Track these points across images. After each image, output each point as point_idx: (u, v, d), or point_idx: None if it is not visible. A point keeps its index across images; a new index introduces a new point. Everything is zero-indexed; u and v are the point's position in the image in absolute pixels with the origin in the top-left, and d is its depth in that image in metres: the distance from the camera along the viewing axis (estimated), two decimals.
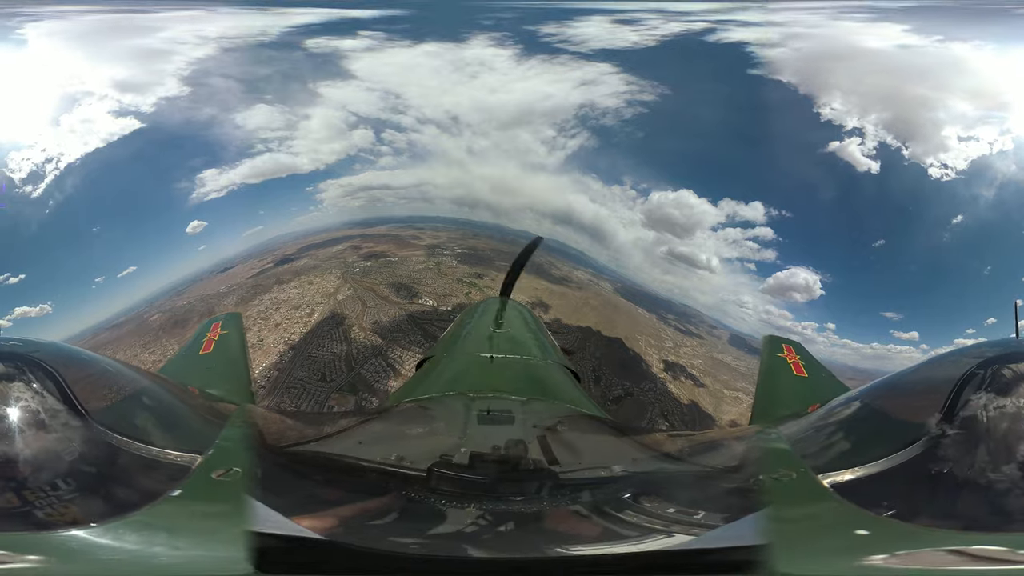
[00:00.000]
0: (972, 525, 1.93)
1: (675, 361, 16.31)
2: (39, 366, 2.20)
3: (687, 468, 2.78)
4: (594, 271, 19.44)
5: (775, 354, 5.55)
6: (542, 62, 19.81)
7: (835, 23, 19.37)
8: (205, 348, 5.33)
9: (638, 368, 15.90)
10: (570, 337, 16.32)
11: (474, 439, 2.79)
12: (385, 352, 15.61)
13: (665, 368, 16.01)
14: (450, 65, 19.82)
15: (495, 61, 19.85)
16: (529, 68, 19.81)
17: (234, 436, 2.53)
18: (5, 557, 1.78)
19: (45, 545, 1.84)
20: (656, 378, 15.64)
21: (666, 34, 20.37)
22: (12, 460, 1.98)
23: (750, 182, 16.89)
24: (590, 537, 2.09)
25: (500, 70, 19.76)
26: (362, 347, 15.79)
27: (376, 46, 20.25)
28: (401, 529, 2.09)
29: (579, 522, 2.16)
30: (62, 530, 1.87)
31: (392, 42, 20.39)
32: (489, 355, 4.24)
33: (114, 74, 16.93)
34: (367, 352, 15.66)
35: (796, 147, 16.51)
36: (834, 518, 2.06)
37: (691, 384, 15.64)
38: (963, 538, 1.89)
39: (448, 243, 19.64)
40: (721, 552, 1.95)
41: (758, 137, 16.82)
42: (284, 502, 2.05)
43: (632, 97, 18.80)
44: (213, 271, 17.73)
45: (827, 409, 2.89)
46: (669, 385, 15.47)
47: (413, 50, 20.27)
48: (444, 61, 19.88)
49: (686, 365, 16.21)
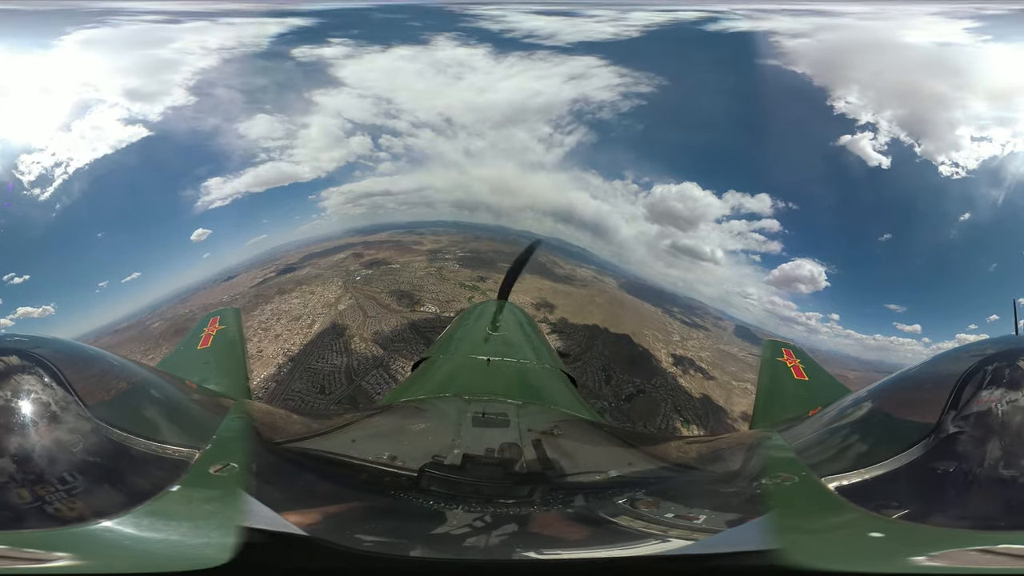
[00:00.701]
0: (976, 526, 1.92)
1: (683, 355, 16.20)
2: (39, 361, 2.19)
3: (685, 472, 2.77)
4: (597, 268, 19.36)
5: (775, 358, 5.59)
6: (521, 59, 19.83)
7: (885, 17, 19.27)
8: (203, 343, 5.35)
9: (648, 364, 15.78)
10: (577, 336, 16.26)
11: (468, 441, 2.79)
12: (386, 363, 15.36)
13: (674, 362, 15.90)
14: (431, 68, 19.96)
15: (472, 61, 19.91)
16: (510, 66, 19.84)
17: (231, 431, 2.54)
18: (4, 552, 1.78)
19: (44, 540, 1.84)
20: (666, 373, 15.52)
21: (649, 24, 20.39)
22: (10, 454, 1.97)
23: (757, 174, 16.87)
24: (582, 541, 2.09)
25: (481, 69, 19.81)
26: (363, 358, 15.59)
27: (354, 52, 20.37)
28: (391, 529, 2.09)
29: (571, 526, 2.17)
30: (61, 525, 1.88)
31: (365, 47, 20.52)
32: (485, 358, 4.24)
33: (126, 83, 17.27)
34: (368, 364, 15.43)
35: (806, 140, 16.55)
36: (837, 522, 2.05)
37: (701, 377, 15.52)
38: (966, 538, 1.89)
39: (450, 247, 19.57)
40: (722, 557, 1.94)
41: (767, 129, 16.79)
42: (278, 498, 2.07)
43: (628, 89, 18.76)
44: (216, 280, 17.79)
45: (828, 412, 2.87)
46: (679, 379, 15.34)
47: (388, 54, 20.42)
48: (423, 64, 20.03)
49: (694, 358, 16.11)
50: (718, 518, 2.16)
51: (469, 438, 2.85)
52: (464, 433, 2.92)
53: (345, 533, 2.01)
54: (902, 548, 1.90)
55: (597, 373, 15.31)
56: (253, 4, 23.10)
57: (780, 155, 16.66)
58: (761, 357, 5.80)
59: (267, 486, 2.13)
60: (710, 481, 2.61)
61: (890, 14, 19.19)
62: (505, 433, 2.92)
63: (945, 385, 2.18)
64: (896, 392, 2.70)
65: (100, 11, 20.54)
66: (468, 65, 19.86)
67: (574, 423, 3.51)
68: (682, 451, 3.25)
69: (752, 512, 2.08)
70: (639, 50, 19.43)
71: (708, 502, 2.33)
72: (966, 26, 17.58)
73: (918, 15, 19.06)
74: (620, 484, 2.46)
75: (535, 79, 19.53)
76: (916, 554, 1.87)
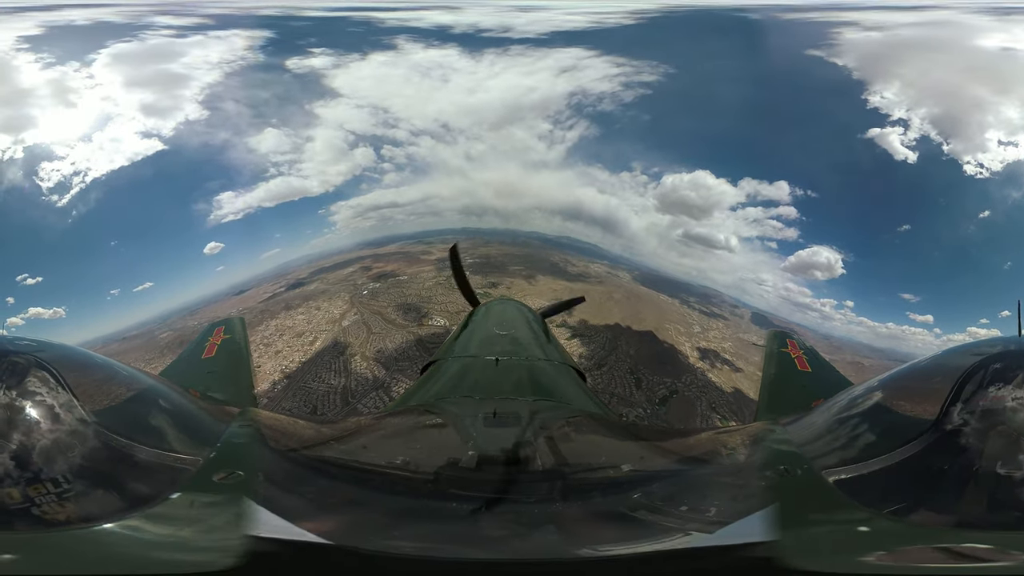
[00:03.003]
0: (973, 521, 1.94)
1: (708, 347, 15.86)
2: (43, 366, 2.18)
3: (694, 466, 2.79)
4: (610, 262, 19.20)
5: (779, 349, 5.63)
6: (498, 55, 19.63)
7: (969, 16, 19.19)
8: (208, 352, 5.36)
9: (675, 360, 15.38)
10: (599, 339, 15.84)
11: (481, 442, 2.77)
12: (387, 385, 14.72)
13: (701, 356, 15.55)
14: (415, 72, 19.86)
15: (450, 61, 19.75)
16: (491, 64, 19.67)
17: (237, 439, 2.53)
18: (4, 556, 1.76)
19: (44, 544, 1.83)
20: (695, 369, 15.14)
21: (643, 9, 20.24)
22: (12, 459, 1.94)
23: (777, 162, 16.91)
24: (603, 537, 2.08)
25: (464, 70, 19.65)
26: (362, 379, 15.00)
27: (340, 62, 20.34)
28: (410, 533, 2.06)
29: (591, 523, 2.16)
30: (62, 529, 1.86)
31: (346, 55, 20.50)
32: (494, 358, 4.23)
33: (142, 97, 17.63)
34: (367, 385, 14.81)
35: (833, 130, 16.69)
36: (838, 514, 2.07)
37: (728, 370, 15.11)
38: (963, 535, 1.91)
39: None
40: (728, 549, 1.94)
41: (793, 117, 16.94)
42: (290, 506, 2.06)
43: (628, 79, 18.55)
44: (228, 293, 17.82)
45: (830, 405, 2.90)
46: (708, 374, 14.96)
47: (368, 62, 20.37)
48: (406, 69, 19.95)
49: (718, 350, 15.76)
50: (724, 511, 2.18)
51: (482, 439, 2.82)
52: (477, 434, 2.90)
53: (366, 538, 1.99)
54: (899, 543, 1.92)
55: (625, 377, 14.80)
56: None
57: (804, 144, 16.71)
58: (766, 348, 5.88)
59: (278, 493, 2.13)
60: (717, 474, 2.60)
61: (996, 14, 19.07)
62: (518, 432, 2.90)
63: (945, 382, 2.19)
64: (898, 387, 2.72)
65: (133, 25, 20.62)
66: (449, 66, 19.72)
67: (584, 419, 3.53)
68: (690, 444, 3.26)
69: (756, 506, 2.08)
70: (634, 38, 19.26)
71: (715, 496, 2.34)
72: None
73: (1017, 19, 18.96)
74: (633, 479, 2.47)
75: (523, 75, 19.34)
76: (912, 548, 1.91)
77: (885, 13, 18.91)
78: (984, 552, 1.85)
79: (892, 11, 19.11)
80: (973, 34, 17.91)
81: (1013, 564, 1.82)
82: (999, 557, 1.84)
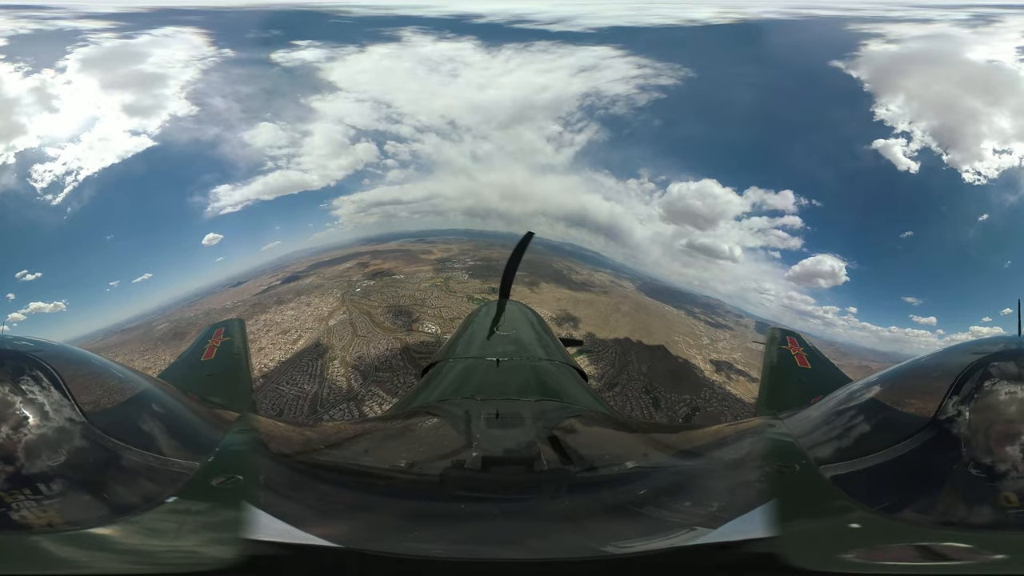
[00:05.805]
0: (968, 518, 1.96)
1: (720, 359, 15.70)
2: (41, 366, 2.17)
3: (695, 462, 2.82)
4: (613, 271, 18.90)
5: (779, 346, 5.69)
6: (518, 51, 19.10)
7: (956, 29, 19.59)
8: (207, 354, 5.38)
9: (690, 375, 15.07)
10: (608, 354, 15.47)
11: (486, 443, 2.78)
12: (361, 397, 13.73)
13: (716, 369, 15.36)
14: (422, 66, 19.29)
15: (463, 55, 19.18)
16: (508, 59, 19.13)
17: (236, 443, 2.53)
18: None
19: (39, 547, 1.81)
20: (711, 382, 14.91)
21: (695, 18, 19.96)
22: (6, 460, 1.93)
23: (783, 171, 17.14)
24: (612, 535, 2.08)
25: (477, 65, 19.07)
26: (335, 388, 14.11)
27: (335, 55, 19.74)
28: (415, 535, 2.06)
29: (599, 520, 2.15)
30: (56, 532, 1.86)
31: (341, 48, 19.91)
32: (494, 358, 4.26)
33: (122, 98, 17.64)
34: (339, 395, 13.88)
35: (840, 140, 17.02)
36: (836, 510, 2.09)
37: (745, 381, 14.89)
38: (958, 532, 1.94)
39: (460, 256, 18.93)
40: (729, 546, 1.95)
41: (802, 127, 17.20)
42: (291, 510, 2.05)
43: (646, 82, 18.15)
44: (226, 284, 17.52)
45: (829, 401, 2.93)
46: (726, 387, 14.78)
47: (368, 54, 19.78)
48: (412, 62, 19.38)
49: (731, 361, 15.62)
50: (727, 508, 2.19)
51: (486, 440, 2.84)
52: (479, 435, 2.92)
53: (371, 540, 1.99)
54: (896, 539, 1.95)
55: (641, 397, 14.31)
56: None
57: (811, 153, 17.06)
58: (766, 345, 5.91)
59: (279, 497, 2.13)
60: (717, 470, 2.63)
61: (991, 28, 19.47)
62: (520, 432, 2.94)
63: (945, 380, 2.22)
64: (897, 385, 2.74)
65: None
66: (461, 61, 19.15)
67: (586, 417, 3.57)
68: (691, 439, 3.29)
69: (756, 501, 2.10)
70: (663, 40, 18.96)
71: (716, 492, 2.36)
72: (1019, 44, 18.24)
73: None
74: (638, 476, 2.50)
75: (539, 72, 18.87)
76: (909, 544, 1.95)
77: (906, 26, 19.14)
78: (981, 549, 1.88)
79: (910, 24, 19.37)
80: (961, 47, 18.52)
81: (1006, 561, 1.84)
82: (996, 554, 1.86)
